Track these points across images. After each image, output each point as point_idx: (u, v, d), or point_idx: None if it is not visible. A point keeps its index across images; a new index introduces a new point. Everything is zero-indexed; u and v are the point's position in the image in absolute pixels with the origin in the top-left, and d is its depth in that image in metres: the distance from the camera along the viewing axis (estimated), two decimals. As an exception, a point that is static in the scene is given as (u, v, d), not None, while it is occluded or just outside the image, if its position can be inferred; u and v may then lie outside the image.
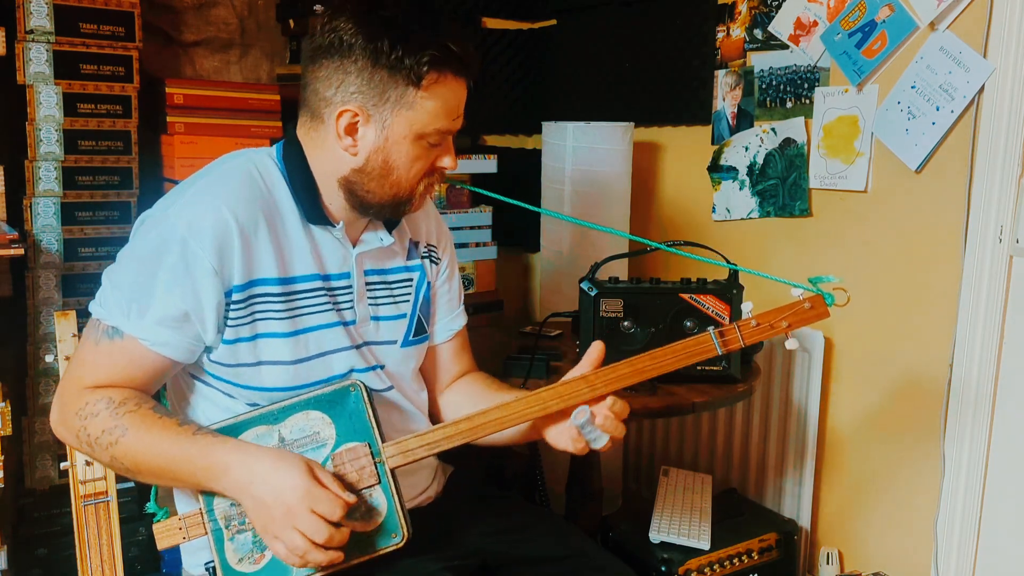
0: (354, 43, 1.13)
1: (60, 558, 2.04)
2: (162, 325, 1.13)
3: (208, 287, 1.12)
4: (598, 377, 1.18)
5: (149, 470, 1.14)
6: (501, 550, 1.31)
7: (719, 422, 2.29)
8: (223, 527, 1.15)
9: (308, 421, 1.16)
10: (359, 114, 1.15)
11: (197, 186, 1.17)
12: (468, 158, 2.51)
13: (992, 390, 1.76)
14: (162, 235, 1.13)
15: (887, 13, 1.84)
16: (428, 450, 1.16)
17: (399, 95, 1.14)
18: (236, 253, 1.13)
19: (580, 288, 1.73)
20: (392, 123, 1.16)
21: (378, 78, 1.14)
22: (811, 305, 1.19)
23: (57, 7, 1.97)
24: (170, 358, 1.15)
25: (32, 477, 2.07)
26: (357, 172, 1.19)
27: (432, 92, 1.15)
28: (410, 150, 1.18)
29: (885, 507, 1.99)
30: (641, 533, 1.89)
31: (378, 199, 1.20)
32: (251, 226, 1.15)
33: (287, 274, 1.19)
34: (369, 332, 1.27)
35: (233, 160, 1.22)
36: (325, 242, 1.23)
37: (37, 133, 2.00)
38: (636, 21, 2.44)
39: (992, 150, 1.70)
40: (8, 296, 2.12)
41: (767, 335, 1.19)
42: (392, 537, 1.13)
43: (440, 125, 1.17)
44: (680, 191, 2.43)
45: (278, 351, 1.18)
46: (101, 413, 1.13)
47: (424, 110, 1.15)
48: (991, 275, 1.73)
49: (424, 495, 1.35)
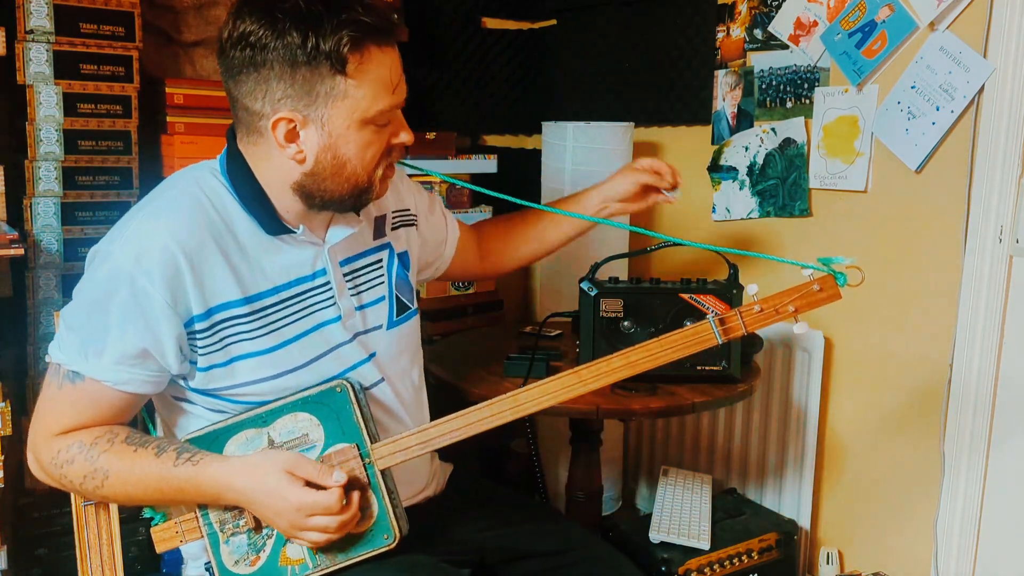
0: (265, 46, 1.06)
1: (60, 558, 2.04)
2: (121, 364, 1.10)
3: (162, 322, 1.09)
4: (590, 371, 1.13)
5: (145, 501, 1.15)
6: (500, 545, 1.31)
7: (719, 422, 2.29)
8: (218, 530, 1.15)
9: (296, 423, 1.15)
10: (294, 119, 1.09)
11: (141, 216, 1.13)
12: (468, 158, 2.51)
13: (992, 390, 1.76)
14: (109, 273, 1.09)
15: (887, 13, 1.84)
16: (421, 448, 1.14)
17: (328, 88, 1.08)
18: (188, 285, 1.10)
19: (580, 288, 1.73)
20: (331, 118, 1.09)
21: (300, 77, 1.07)
22: (821, 287, 1.10)
23: (57, 7, 1.97)
24: (136, 392, 1.13)
25: (32, 477, 2.06)
26: (308, 176, 1.13)
27: (362, 74, 1.08)
28: (358, 138, 1.11)
29: (885, 507, 1.99)
30: (641, 533, 1.89)
31: (337, 195, 1.15)
32: (200, 253, 1.10)
33: (250, 292, 1.14)
34: (357, 323, 1.25)
35: (177, 184, 1.17)
36: (288, 249, 1.18)
37: (37, 133, 2.00)
38: (636, 21, 2.44)
39: (992, 150, 1.70)
40: (8, 296, 2.12)
41: (772, 320, 1.11)
42: (384, 538, 1.13)
43: (382, 105, 1.11)
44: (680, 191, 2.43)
45: (256, 370, 1.15)
46: (76, 459, 1.12)
47: (359, 96, 1.09)
48: (991, 275, 1.73)
49: (423, 494, 1.35)
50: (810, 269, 1.11)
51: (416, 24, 2.52)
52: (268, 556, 1.14)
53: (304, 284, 1.19)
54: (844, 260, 1.10)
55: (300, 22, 1.05)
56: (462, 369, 1.74)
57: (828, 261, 1.11)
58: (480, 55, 2.71)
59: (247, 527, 1.14)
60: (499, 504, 1.41)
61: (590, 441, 1.89)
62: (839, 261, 1.10)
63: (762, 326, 1.11)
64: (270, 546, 1.14)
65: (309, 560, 1.13)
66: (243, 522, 1.14)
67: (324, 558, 1.13)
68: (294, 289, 1.18)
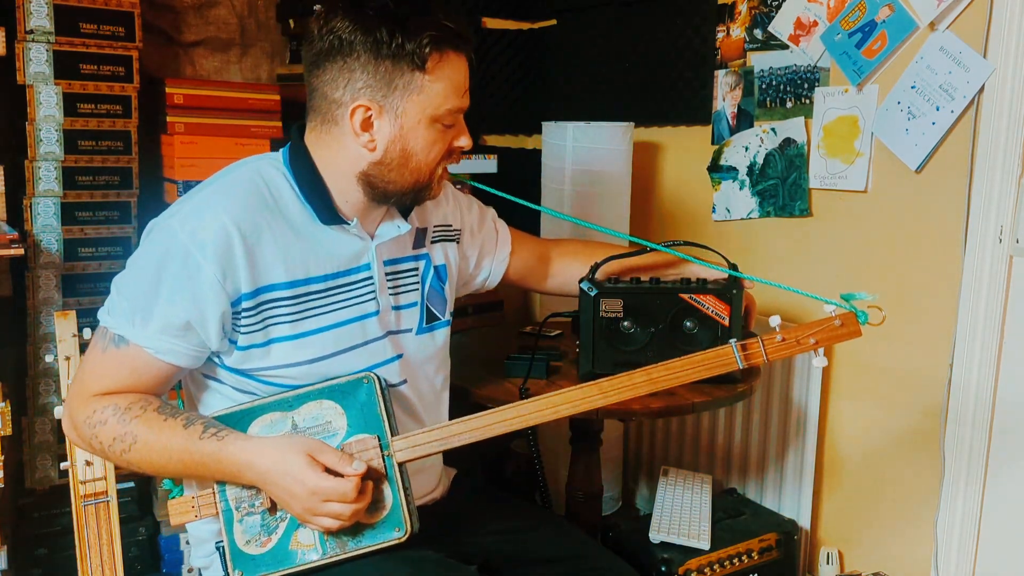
0: (353, 40, 1.14)
1: (60, 558, 2.04)
2: (165, 333, 1.14)
3: (211, 297, 1.13)
4: (611, 384, 1.18)
5: (166, 470, 1.16)
6: (503, 550, 1.31)
7: (719, 422, 2.29)
8: (233, 508, 1.17)
9: (321, 410, 1.18)
10: (371, 108, 1.17)
11: (201, 195, 1.18)
12: (468, 158, 2.51)
13: (992, 390, 1.76)
14: (166, 245, 1.14)
15: (887, 13, 1.84)
16: (439, 445, 1.16)
17: (407, 82, 1.16)
18: (240, 262, 1.14)
19: (580, 288, 1.73)
20: (405, 110, 1.17)
21: (383, 69, 1.15)
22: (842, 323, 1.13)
23: (57, 7, 1.97)
24: (176, 365, 1.17)
25: (32, 477, 2.07)
26: (376, 165, 1.20)
27: (438, 73, 1.16)
28: (426, 134, 1.19)
29: (885, 507, 1.99)
30: (641, 533, 1.89)
31: (399, 187, 1.22)
32: (255, 234, 1.15)
33: (298, 277, 1.19)
34: (391, 321, 1.29)
35: (238, 169, 1.23)
36: (340, 240, 1.23)
37: (37, 133, 2.00)
38: (636, 21, 2.44)
39: (992, 150, 1.70)
40: (8, 296, 2.12)
41: (793, 352, 1.14)
42: (395, 531, 1.14)
43: (451, 104, 1.19)
44: (680, 191, 2.43)
45: (291, 354, 1.19)
46: (109, 420, 1.15)
47: (434, 92, 1.17)
48: (991, 275, 1.73)
49: (430, 496, 1.36)
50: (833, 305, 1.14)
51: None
52: (279, 538, 1.15)
53: (350, 276, 1.24)
54: (867, 297, 1.13)
55: (388, 20, 1.13)
56: (463, 369, 1.74)
57: (850, 297, 1.14)
58: (480, 55, 2.71)
59: (262, 508, 1.16)
60: (504, 509, 1.41)
61: (590, 441, 1.88)
62: (861, 298, 1.13)
63: (783, 356, 1.15)
64: (282, 529, 1.15)
65: (319, 546, 1.15)
66: (259, 503, 1.16)
67: (334, 545, 1.14)
68: (340, 280, 1.23)
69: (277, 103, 2.22)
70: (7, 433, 1.71)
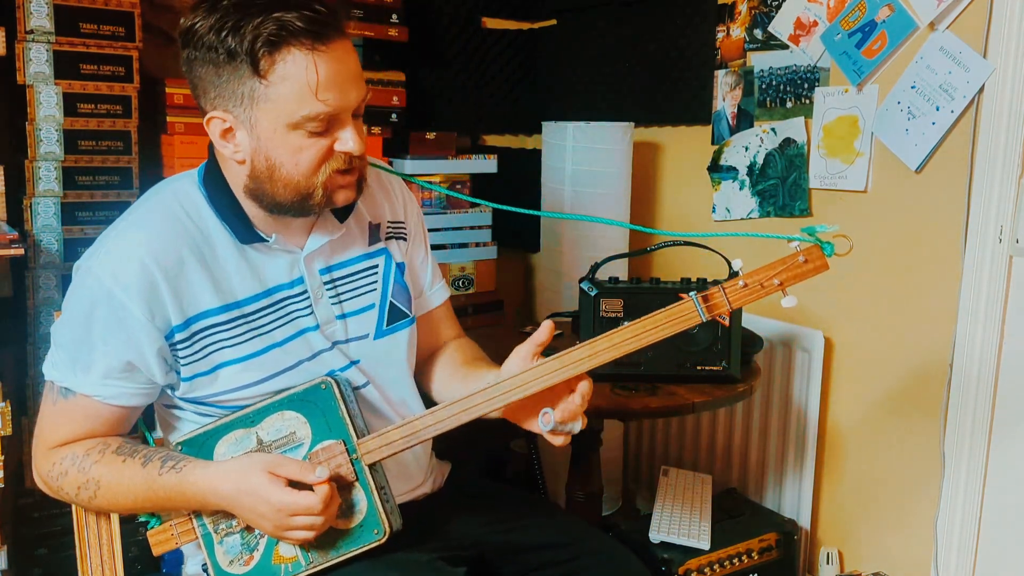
0: (199, 41, 1.04)
1: (60, 558, 2.04)
2: (108, 378, 1.12)
3: (142, 336, 1.10)
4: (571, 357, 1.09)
5: (136, 509, 1.16)
6: (499, 540, 1.30)
7: (719, 422, 2.29)
8: (212, 531, 1.16)
9: (284, 421, 1.16)
10: (225, 118, 1.07)
11: (119, 229, 1.14)
12: (468, 158, 2.51)
13: (992, 390, 1.76)
14: (90, 290, 1.10)
15: (887, 13, 1.84)
16: (407, 441, 1.13)
17: (249, 90, 1.04)
18: (166, 297, 1.10)
19: (580, 288, 1.73)
20: (256, 119, 1.06)
21: (225, 76, 1.04)
22: (807, 258, 1.05)
23: (57, 7, 1.97)
24: (127, 406, 1.15)
25: (32, 477, 2.06)
26: (251, 177, 1.11)
27: (278, 77, 1.03)
28: (287, 143, 1.06)
29: (885, 507, 1.99)
30: (641, 533, 1.89)
31: (280, 199, 1.11)
32: (176, 265, 1.11)
33: (229, 300, 1.14)
34: (337, 332, 1.22)
35: (154, 196, 1.17)
36: (265, 257, 1.17)
37: (37, 133, 2.00)
38: (636, 21, 2.44)
39: (992, 150, 1.70)
40: (8, 296, 2.12)
41: (757, 295, 1.06)
42: (374, 534, 1.13)
43: (306, 110, 1.04)
44: (680, 191, 2.43)
45: (240, 376, 1.16)
46: (69, 471, 1.14)
47: (278, 99, 1.04)
48: (991, 275, 1.73)
49: (419, 490, 1.34)
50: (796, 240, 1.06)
51: (416, 24, 2.52)
52: (262, 555, 1.15)
53: (283, 292, 1.18)
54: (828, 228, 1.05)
55: (228, 19, 1.02)
56: (462, 369, 1.74)
57: (812, 231, 1.05)
58: (480, 55, 2.71)
59: (240, 527, 1.15)
60: (498, 500, 1.40)
61: (590, 441, 1.89)
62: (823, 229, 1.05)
63: (748, 302, 1.07)
64: (263, 545, 1.15)
65: (302, 558, 1.14)
66: (236, 522, 1.15)
67: (316, 555, 1.14)
68: (273, 296, 1.18)
69: (277, 103, 2.22)
70: (7, 433, 1.71)
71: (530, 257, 2.93)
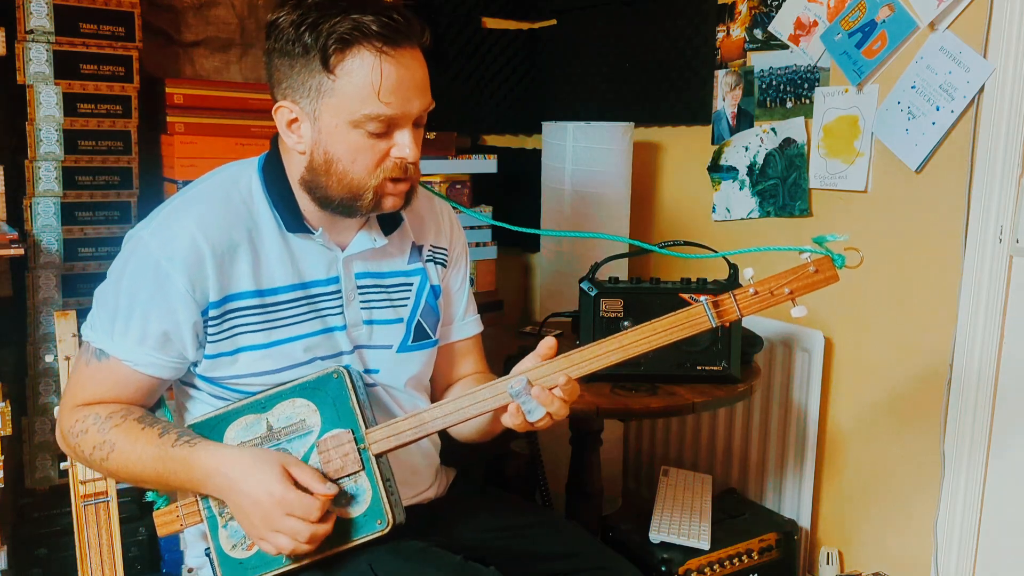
0: (279, 36, 1.11)
1: (60, 558, 2.04)
2: (143, 346, 1.14)
3: (182, 308, 1.13)
4: (582, 355, 1.11)
5: (143, 479, 1.16)
6: (503, 547, 1.31)
7: (719, 422, 2.29)
8: (217, 514, 1.17)
9: (294, 409, 1.17)
10: (292, 108, 1.13)
11: (175, 203, 1.18)
12: (468, 158, 2.51)
13: (992, 390, 1.76)
14: (139, 258, 1.14)
15: (887, 13, 1.84)
16: (415, 433, 1.14)
17: (317, 83, 1.09)
18: (209, 274, 1.13)
19: (580, 288, 1.73)
20: (320, 113, 1.11)
21: (297, 68, 1.10)
22: (817, 268, 1.07)
23: (57, 7, 1.97)
24: (156, 377, 1.17)
25: (32, 477, 2.07)
26: (308, 169, 1.15)
27: (344, 74, 1.08)
28: (347, 140, 1.11)
29: (885, 507, 1.99)
30: (641, 533, 1.89)
31: (333, 194, 1.15)
32: (224, 245, 1.14)
33: (264, 286, 1.17)
34: (362, 336, 1.25)
35: (214, 177, 1.21)
36: (307, 250, 1.20)
37: (37, 133, 2.00)
38: (636, 21, 2.44)
39: (992, 150, 1.70)
40: (8, 296, 2.12)
41: (768, 304, 1.08)
42: (377, 524, 1.13)
43: (368, 109, 1.09)
44: (680, 191, 2.43)
45: (258, 363, 1.18)
46: (90, 430, 1.16)
47: (342, 95, 1.09)
48: (991, 275, 1.73)
49: (424, 495, 1.35)
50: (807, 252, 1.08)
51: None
52: None
53: (317, 287, 1.21)
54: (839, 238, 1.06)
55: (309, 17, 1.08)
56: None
57: (822, 240, 1.07)
58: (480, 55, 2.71)
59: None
60: (502, 508, 1.41)
61: (590, 441, 1.89)
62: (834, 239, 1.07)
63: (758, 310, 1.09)
64: None
65: None
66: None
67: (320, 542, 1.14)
68: (307, 290, 1.20)
69: (277, 103, 2.22)
70: (7, 433, 1.71)
71: (530, 257, 2.94)
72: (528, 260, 2.95)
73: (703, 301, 1.09)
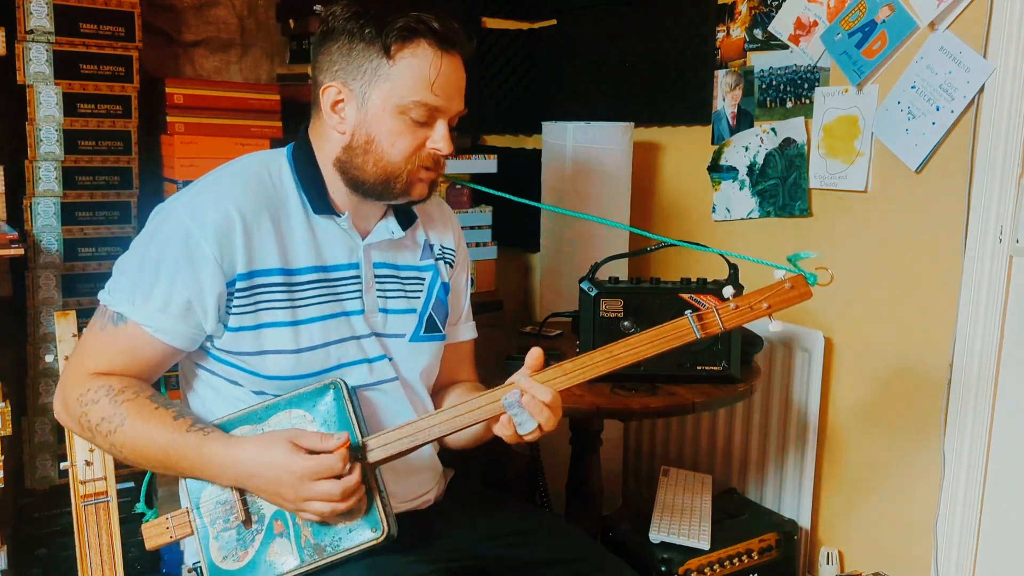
0: (338, 27, 1.19)
1: (60, 558, 2.05)
2: (165, 312, 1.15)
3: (209, 277, 1.15)
4: (575, 365, 1.17)
5: (146, 458, 1.16)
6: (501, 554, 1.30)
7: (719, 422, 2.29)
8: (208, 525, 1.16)
9: (291, 419, 1.18)
10: (341, 90, 1.20)
11: (205, 181, 1.22)
12: (468, 158, 2.51)
13: (992, 390, 1.76)
14: (169, 226, 1.17)
15: (887, 13, 1.84)
16: (409, 442, 1.15)
17: (374, 67, 1.18)
18: (238, 244, 1.16)
19: (580, 288, 1.73)
20: (370, 95, 1.19)
21: (355, 53, 1.18)
22: (792, 285, 1.15)
23: (57, 7, 1.97)
24: (172, 345, 1.18)
25: (32, 477, 2.07)
26: (346, 149, 1.21)
27: (402, 61, 1.17)
28: (390, 124, 1.19)
29: (885, 507, 1.99)
30: (641, 533, 1.89)
31: (368, 176, 1.22)
32: (254, 219, 1.18)
33: (290, 265, 1.21)
34: (377, 323, 1.28)
35: (245, 159, 1.27)
36: (331, 234, 1.25)
37: (37, 133, 2.01)
38: (636, 21, 2.44)
39: (992, 150, 1.70)
40: (8, 296, 2.13)
41: (748, 318, 1.16)
42: (372, 532, 1.13)
43: (418, 96, 1.18)
44: (680, 191, 2.43)
45: (281, 340, 1.20)
46: (101, 400, 1.15)
47: (397, 80, 1.18)
48: (991, 275, 1.73)
49: (423, 498, 1.34)
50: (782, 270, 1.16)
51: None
52: (256, 551, 1.15)
53: (339, 271, 1.25)
54: (811, 255, 1.16)
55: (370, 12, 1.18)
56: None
57: (795, 259, 1.16)
58: (480, 55, 2.71)
59: (237, 522, 1.15)
60: (501, 510, 1.40)
61: (590, 441, 1.89)
62: (806, 256, 1.16)
63: (739, 323, 1.16)
64: (259, 541, 1.15)
65: (297, 554, 1.14)
66: (234, 517, 1.15)
67: (312, 552, 1.13)
68: (329, 273, 1.24)
69: (277, 103, 2.23)
70: (7, 433, 1.71)
71: (530, 257, 2.94)
72: (528, 260, 2.95)
73: (688, 315, 1.16)
